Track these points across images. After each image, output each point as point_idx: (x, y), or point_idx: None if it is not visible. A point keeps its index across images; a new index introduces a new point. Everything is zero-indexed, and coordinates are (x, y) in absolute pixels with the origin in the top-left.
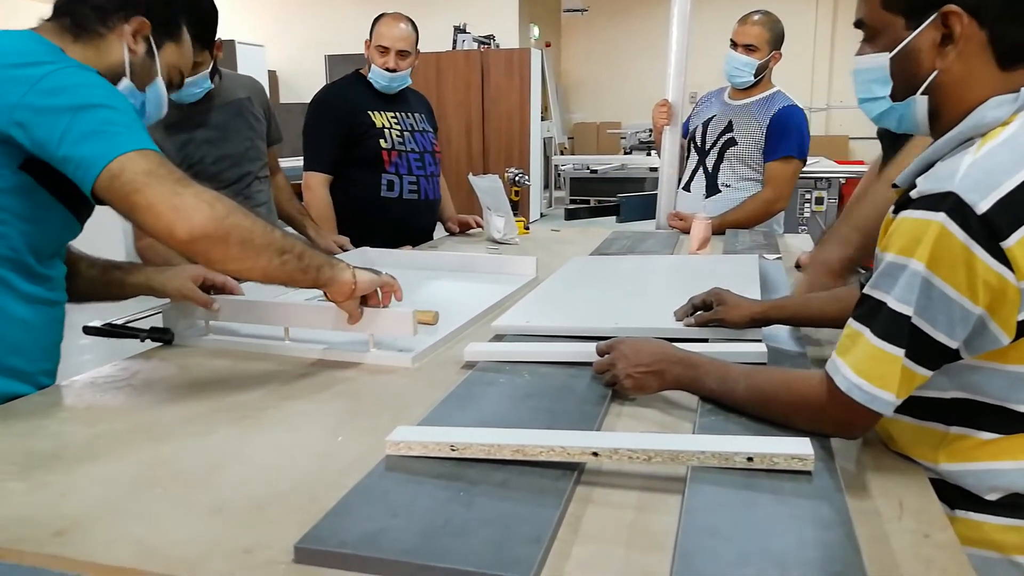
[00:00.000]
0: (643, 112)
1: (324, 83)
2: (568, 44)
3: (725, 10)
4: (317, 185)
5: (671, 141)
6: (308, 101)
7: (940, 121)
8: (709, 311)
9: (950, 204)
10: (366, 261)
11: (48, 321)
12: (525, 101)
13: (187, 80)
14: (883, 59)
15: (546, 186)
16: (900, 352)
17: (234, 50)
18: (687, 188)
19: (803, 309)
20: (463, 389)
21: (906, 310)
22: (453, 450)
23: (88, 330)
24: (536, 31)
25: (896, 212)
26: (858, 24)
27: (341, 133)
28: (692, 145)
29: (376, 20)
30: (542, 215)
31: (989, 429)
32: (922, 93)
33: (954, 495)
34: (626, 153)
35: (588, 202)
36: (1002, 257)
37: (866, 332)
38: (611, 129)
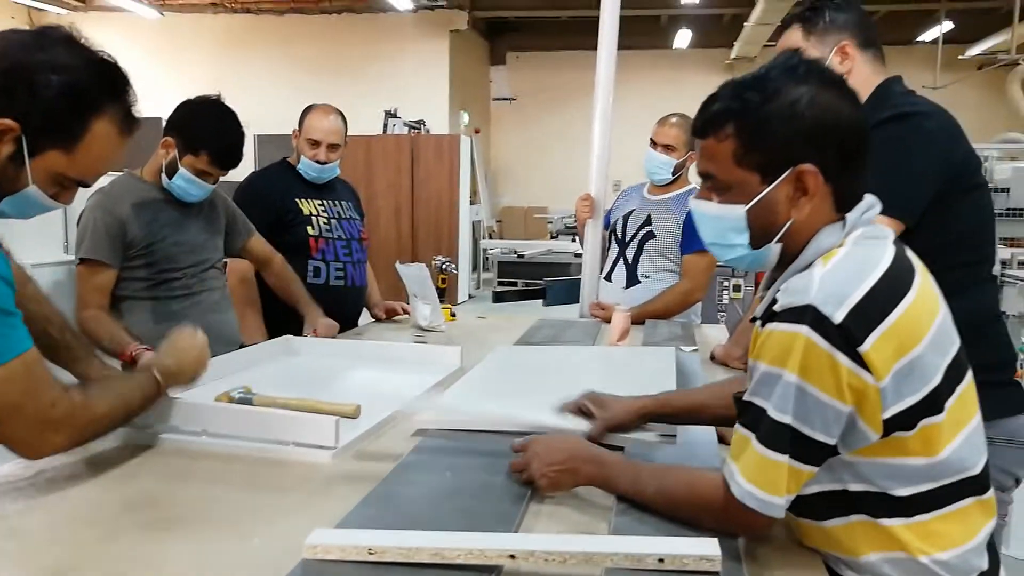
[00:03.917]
0: (569, 198)
1: (253, 161)
2: (497, 131)
3: (651, 97)
4: (244, 271)
5: (593, 233)
6: (237, 180)
7: (785, 258)
8: (590, 416)
9: (810, 316)
10: (289, 350)
11: None
12: (454, 185)
13: (190, 183)
14: (740, 211)
15: (474, 268)
16: (784, 458)
17: (160, 128)
18: (608, 278)
19: (689, 403)
20: (382, 488)
21: (785, 419)
22: (371, 554)
23: None
24: (466, 117)
25: (763, 323)
26: (705, 175)
27: (268, 220)
28: (613, 237)
29: (306, 112)
30: (471, 296)
31: (887, 515)
32: (777, 241)
33: None
34: (552, 237)
35: (516, 284)
36: (860, 361)
37: (752, 439)
38: (538, 214)
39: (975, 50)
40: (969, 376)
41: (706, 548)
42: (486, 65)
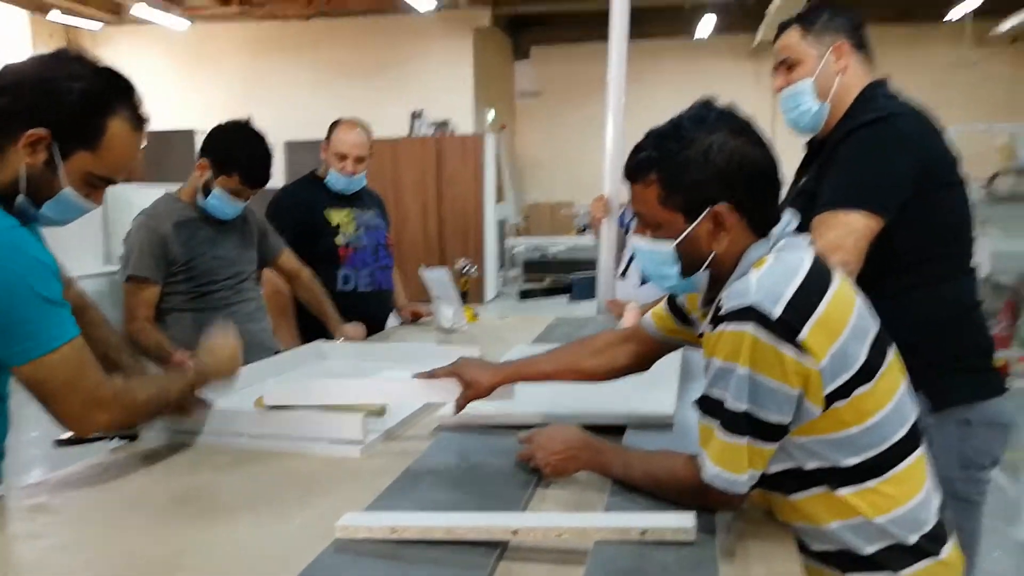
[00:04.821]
0: (594, 191)
1: (284, 169)
2: (523, 126)
3: (677, 86)
4: (278, 282)
5: (608, 231)
6: (273, 189)
7: (717, 280)
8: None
9: (753, 315)
10: (321, 354)
11: None
12: (479, 185)
13: (224, 202)
14: (669, 246)
15: (501, 266)
16: (745, 440)
17: (192, 140)
18: (624, 275)
19: (537, 373)
20: (405, 477)
21: (741, 407)
22: (393, 532)
23: (61, 443)
24: (492, 114)
25: (713, 325)
26: (638, 215)
27: (298, 233)
28: (628, 235)
29: (333, 127)
30: (499, 294)
31: (842, 484)
32: (705, 269)
33: (844, 560)
34: (579, 232)
35: (543, 279)
36: (800, 348)
37: (715, 427)
38: (564, 209)
39: (1008, 24)
40: (893, 349)
41: (681, 521)
42: (510, 61)
